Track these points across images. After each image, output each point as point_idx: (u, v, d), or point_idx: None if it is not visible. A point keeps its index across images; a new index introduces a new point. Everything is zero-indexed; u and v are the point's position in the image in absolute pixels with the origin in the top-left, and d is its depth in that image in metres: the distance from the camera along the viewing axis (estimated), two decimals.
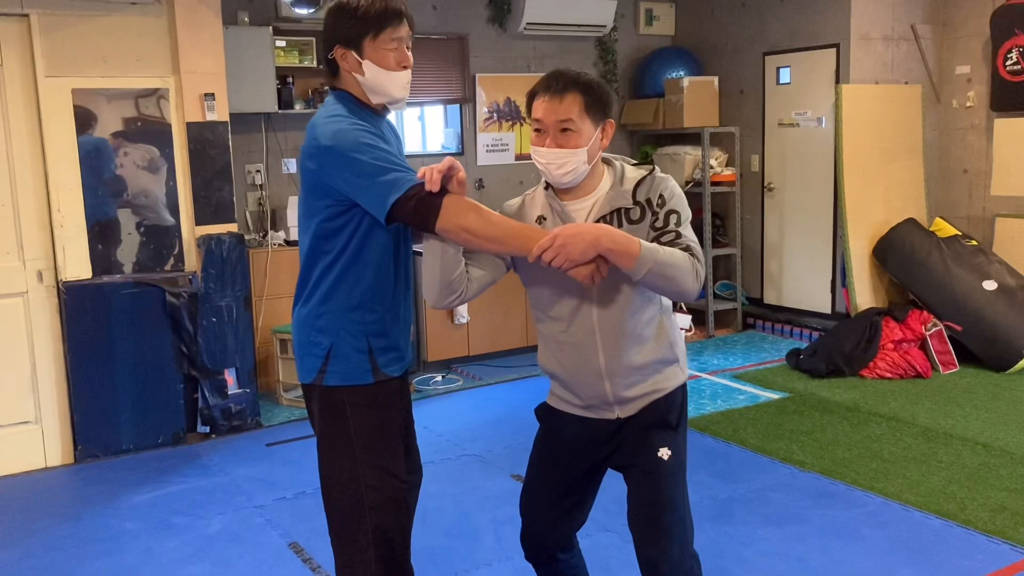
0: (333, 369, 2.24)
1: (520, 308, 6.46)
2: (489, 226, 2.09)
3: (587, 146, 2.15)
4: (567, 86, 2.14)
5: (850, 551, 3.49)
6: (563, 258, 2.01)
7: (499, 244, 2.11)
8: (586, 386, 2.29)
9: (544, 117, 2.15)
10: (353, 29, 2.18)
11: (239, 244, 4.98)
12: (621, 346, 2.23)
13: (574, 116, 2.13)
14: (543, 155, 2.17)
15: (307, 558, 3.55)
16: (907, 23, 6.73)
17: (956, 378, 5.69)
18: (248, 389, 5.06)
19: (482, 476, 4.37)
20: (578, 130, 2.14)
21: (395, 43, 2.21)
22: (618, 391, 2.26)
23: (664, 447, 2.25)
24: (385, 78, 2.22)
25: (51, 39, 4.51)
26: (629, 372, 2.25)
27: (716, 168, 7.08)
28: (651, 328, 2.25)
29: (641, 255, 2.02)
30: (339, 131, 2.12)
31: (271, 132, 6.12)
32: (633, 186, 2.21)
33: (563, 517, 2.45)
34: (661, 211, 2.17)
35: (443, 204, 2.06)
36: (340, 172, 2.10)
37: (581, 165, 2.16)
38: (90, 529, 3.92)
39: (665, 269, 2.05)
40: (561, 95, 2.13)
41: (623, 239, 2.03)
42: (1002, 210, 6.56)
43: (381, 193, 2.08)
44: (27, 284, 4.58)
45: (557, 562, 2.50)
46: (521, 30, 6.86)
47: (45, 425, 4.67)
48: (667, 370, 2.30)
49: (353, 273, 2.20)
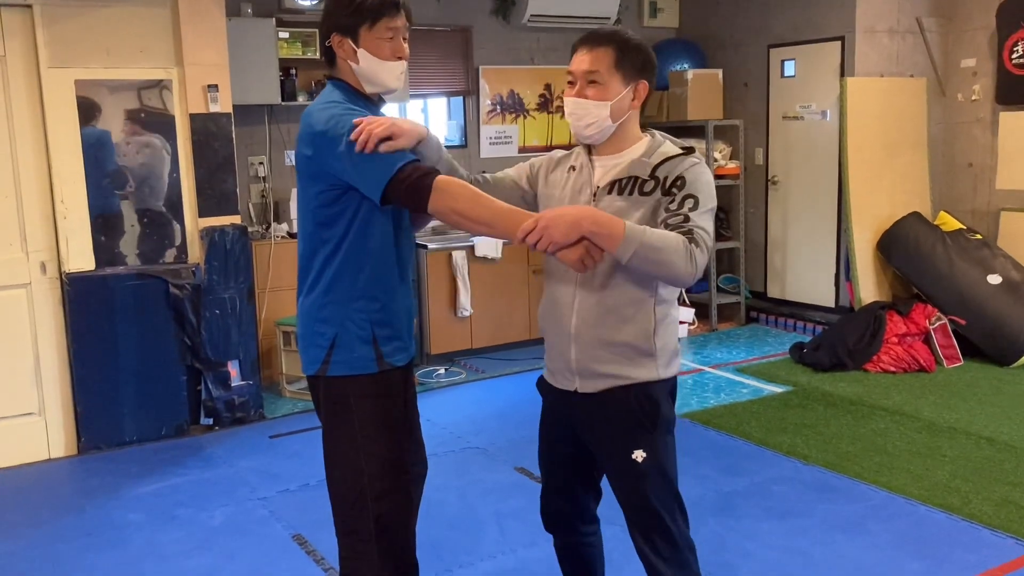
0: (337, 359, 2.23)
1: (523, 301, 6.45)
2: (478, 208, 2.08)
3: (612, 101, 2.14)
4: (603, 39, 2.16)
5: (854, 545, 3.48)
6: (546, 240, 1.98)
7: (488, 226, 2.11)
8: (554, 347, 2.29)
9: (575, 68, 2.18)
10: (350, 17, 2.20)
11: (242, 236, 4.98)
12: (595, 315, 2.19)
13: (602, 68, 2.13)
14: (568, 104, 2.19)
15: (311, 550, 3.56)
16: (912, 16, 6.70)
17: (960, 372, 5.68)
18: (251, 381, 5.06)
19: (485, 469, 4.37)
20: (605, 83, 2.13)
21: (391, 33, 2.21)
22: (582, 361, 2.22)
23: (638, 449, 2.20)
24: (379, 67, 2.22)
25: (54, 30, 4.49)
26: (596, 344, 2.20)
27: (720, 161, 7.07)
28: (634, 310, 2.18)
29: (626, 236, 1.97)
30: (332, 116, 2.14)
31: (274, 124, 6.10)
32: (660, 161, 2.17)
33: (569, 486, 2.44)
34: (679, 194, 2.11)
35: (434, 185, 2.06)
36: (335, 155, 2.11)
37: (604, 120, 2.15)
38: (94, 521, 3.92)
39: (652, 252, 1.98)
40: (594, 47, 2.15)
41: (606, 221, 1.98)
42: (1007, 204, 6.54)
43: (374, 175, 2.08)
44: (30, 276, 4.58)
45: (575, 533, 2.49)
46: (525, 22, 6.84)
47: (48, 417, 4.67)
48: (639, 359, 2.19)
49: (355, 262, 2.20)
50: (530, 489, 4.07)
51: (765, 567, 3.34)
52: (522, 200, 2.34)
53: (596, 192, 2.20)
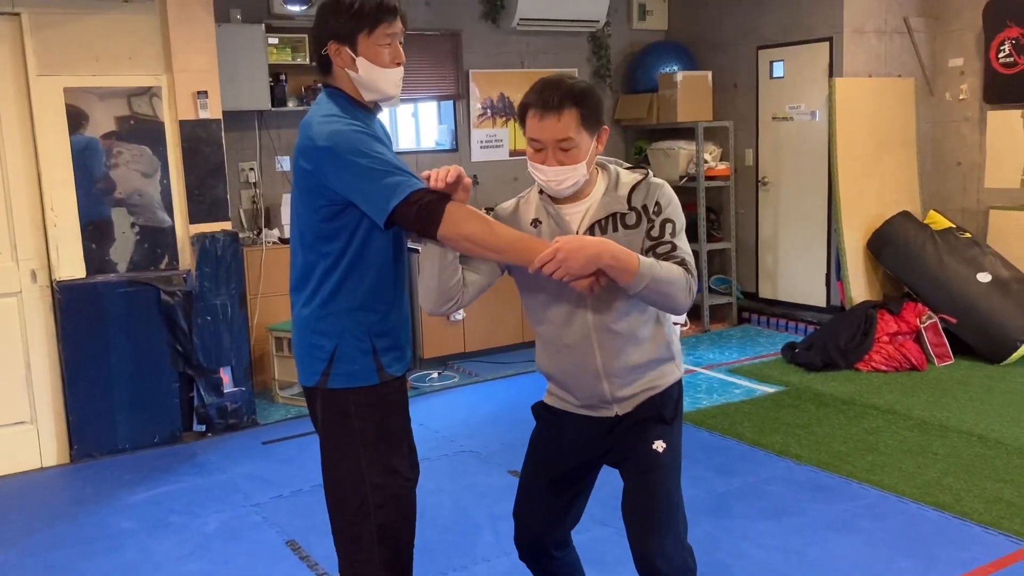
0: (337, 371, 2.22)
1: (516, 304, 6.45)
2: (491, 236, 2.08)
3: (587, 159, 2.14)
4: (563, 101, 2.08)
5: (847, 544, 3.50)
6: (564, 271, 2.01)
7: (500, 254, 2.10)
8: (584, 387, 2.29)
9: (542, 136, 2.11)
10: (347, 25, 2.16)
11: (233, 242, 4.97)
12: (617, 347, 2.23)
13: (572, 133, 2.10)
14: (545, 173, 2.14)
15: (305, 555, 3.55)
16: (900, 16, 6.74)
17: (951, 370, 5.71)
18: (244, 387, 5.05)
19: (479, 472, 4.37)
20: (577, 145, 2.11)
21: (389, 39, 2.19)
22: (616, 390, 2.27)
23: (659, 440, 2.26)
24: (379, 75, 2.20)
25: (42, 37, 4.49)
26: (626, 372, 2.25)
27: (710, 163, 7.08)
28: (647, 328, 2.25)
29: (640, 271, 2.03)
30: (335, 131, 2.09)
31: (264, 130, 6.10)
32: (628, 191, 2.19)
33: (559, 515, 2.45)
34: (657, 220, 2.17)
35: (445, 211, 2.04)
36: (338, 173, 2.08)
37: (582, 177, 2.16)
38: (87, 529, 3.91)
39: (662, 286, 2.06)
40: (558, 112, 2.08)
41: (624, 255, 2.03)
42: (996, 202, 6.57)
43: (382, 197, 2.05)
44: (21, 284, 4.57)
45: (552, 560, 2.50)
46: (514, 26, 6.85)
47: (40, 425, 4.66)
48: (663, 367, 2.30)
49: (356, 274, 2.18)
50: None
51: (759, 567, 3.35)
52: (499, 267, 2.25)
53: None
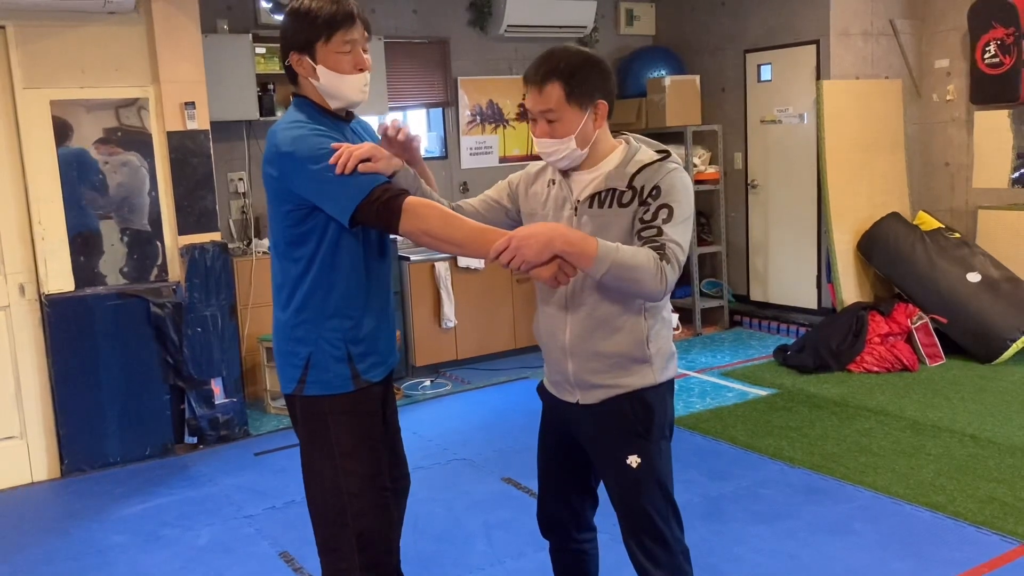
0: (312, 379, 2.22)
1: (508, 311, 6.45)
2: (449, 229, 2.07)
3: (575, 133, 2.13)
4: (547, 76, 2.10)
5: (841, 546, 3.49)
6: (519, 260, 1.98)
7: (458, 246, 2.10)
8: (552, 360, 2.30)
9: (530, 106, 2.16)
10: (305, 34, 2.16)
11: (223, 253, 4.96)
12: (587, 328, 2.20)
13: (553, 106, 2.10)
14: (536, 143, 2.19)
15: (298, 567, 3.53)
16: (886, 18, 6.76)
17: (943, 370, 5.72)
18: (235, 398, 5.03)
19: (472, 480, 4.36)
20: (561, 119, 2.11)
21: (348, 46, 2.17)
22: (579, 373, 2.23)
23: (632, 455, 2.21)
24: (340, 82, 2.19)
25: (28, 50, 4.47)
26: (591, 356, 2.20)
27: (699, 166, 7.10)
28: (624, 320, 2.18)
29: (598, 255, 1.98)
30: (298, 137, 2.11)
31: (253, 140, 6.08)
32: (636, 170, 2.16)
33: (565, 486, 2.44)
34: (653, 204, 2.10)
35: (404, 207, 2.05)
36: (301, 177, 2.09)
37: (573, 151, 2.15)
38: (78, 543, 3.88)
39: (624, 271, 2.00)
40: (541, 85, 2.11)
41: (578, 240, 1.99)
42: (984, 202, 6.60)
43: (344, 196, 2.07)
44: (9, 298, 4.54)
45: (570, 539, 2.49)
46: (502, 32, 6.86)
47: (30, 440, 4.62)
48: (634, 367, 2.20)
49: (326, 280, 2.18)
50: (517, 500, 4.07)
51: (753, 570, 3.34)
52: (507, 218, 2.34)
53: (577, 207, 2.20)
